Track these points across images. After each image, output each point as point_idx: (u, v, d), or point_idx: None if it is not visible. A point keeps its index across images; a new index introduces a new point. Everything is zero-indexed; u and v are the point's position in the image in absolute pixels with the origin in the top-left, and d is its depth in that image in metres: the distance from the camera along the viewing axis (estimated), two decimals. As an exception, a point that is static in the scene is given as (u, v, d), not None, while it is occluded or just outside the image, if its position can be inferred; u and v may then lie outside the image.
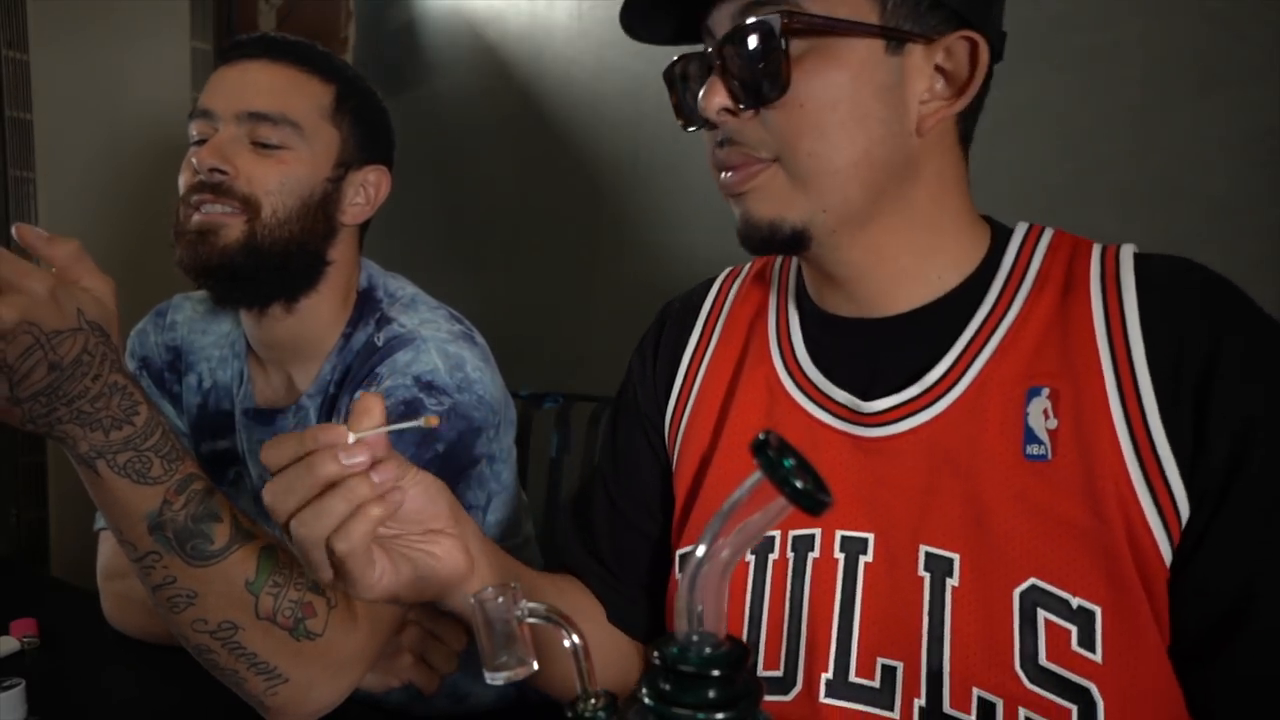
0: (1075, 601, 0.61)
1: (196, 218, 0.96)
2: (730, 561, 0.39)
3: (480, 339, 1.04)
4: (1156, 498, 0.61)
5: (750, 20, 0.65)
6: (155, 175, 2.12)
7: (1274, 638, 0.59)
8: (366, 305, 1.06)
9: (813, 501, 0.36)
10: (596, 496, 0.90)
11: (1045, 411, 0.65)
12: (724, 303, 0.86)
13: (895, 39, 0.65)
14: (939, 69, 0.68)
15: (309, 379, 1.05)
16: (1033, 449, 0.64)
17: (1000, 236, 0.74)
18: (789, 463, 0.36)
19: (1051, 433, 0.64)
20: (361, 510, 0.58)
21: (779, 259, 0.86)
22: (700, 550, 0.39)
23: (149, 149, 2.15)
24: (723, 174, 0.71)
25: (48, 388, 0.63)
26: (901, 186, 0.69)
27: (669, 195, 1.91)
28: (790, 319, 0.80)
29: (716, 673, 0.39)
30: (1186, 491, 0.61)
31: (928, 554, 0.66)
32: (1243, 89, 1.19)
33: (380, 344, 0.99)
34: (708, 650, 0.39)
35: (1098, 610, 0.61)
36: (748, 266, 0.89)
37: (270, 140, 0.97)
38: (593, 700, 0.48)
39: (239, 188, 0.95)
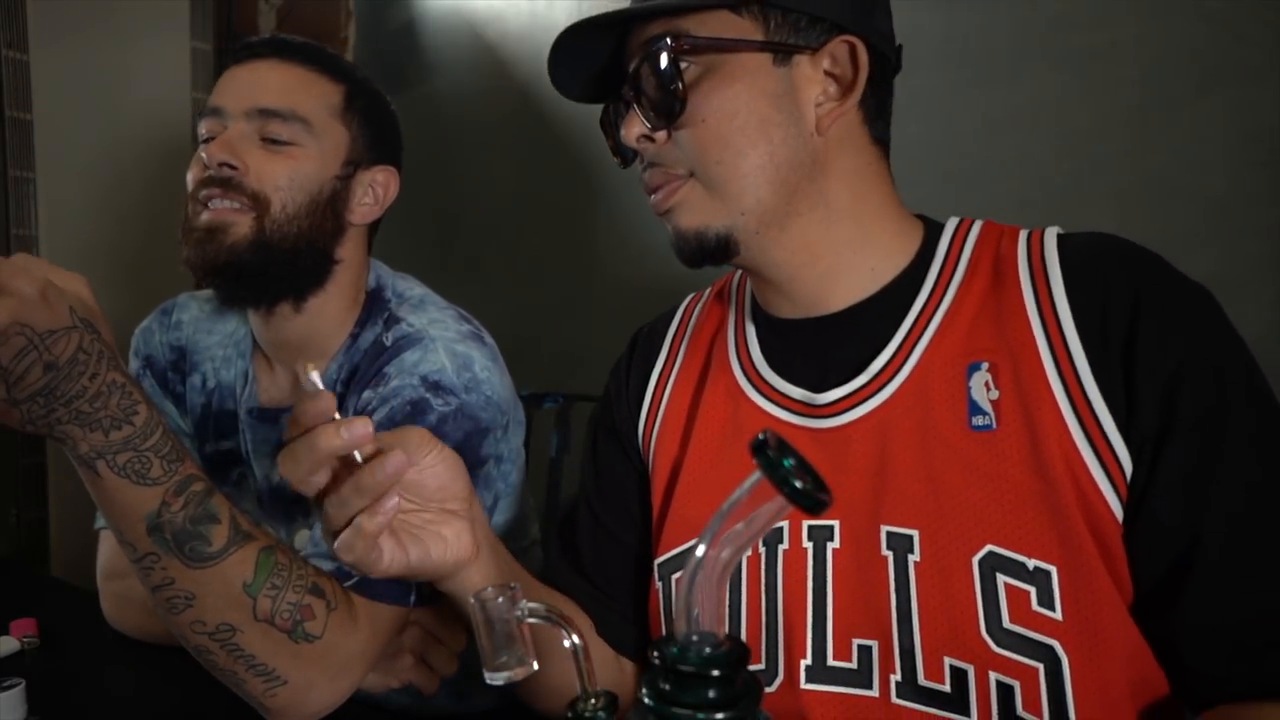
0: (1031, 563, 0.64)
1: (205, 215, 0.96)
2: (729, 562, 0.39)
3: (489, 339, 1.04)
4: (1100, 456, 0.64)
5: (647, 52, 0.72)
6: (156, 175, 2.12)
7: (1220, 581, 0.62)
8: (375, 305, 1.06)
9: (812, 501, 0.36)
10: (581, 517, 0.92)
11: (986, 384, 0.69)
12: (688, 324, 0.91)
13: (781, 52, 0.72)
14: (828, 74, 0.73)
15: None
16: (978, 420, 0.68)
17: (933, 231, 0.78)
18: (788, 462, 0.36)
19: (994, 403, 0.68)
20: (360, 525, 0.63)
21: (735, 278, 0.90)
22: (700, 551, 0.39)
23: (149, 149, 2.15)
24: (652, 199, 0.77)
25: (45, 388, 0.63)
26: (815, 184, 0.74)
27: (668, 195, 1.90)
28: (747, 330, 0.84)
29: (716, 672, 0.39)
30: (1126, 447, 0.64)
31: (889, 533, 0.69)
32: (1241, 89, 1.19)
33: (388, 343, 0.99)
34: (707, 650, 0.39)
35: (1054, 570, 0.64)
36: (709, 290, 0.93)
37: (280, 136, 0.97)
38: (593, 700, 0.48)
39: (248, 184, 0.95)
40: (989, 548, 0.65)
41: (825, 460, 0.73)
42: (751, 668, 0.71)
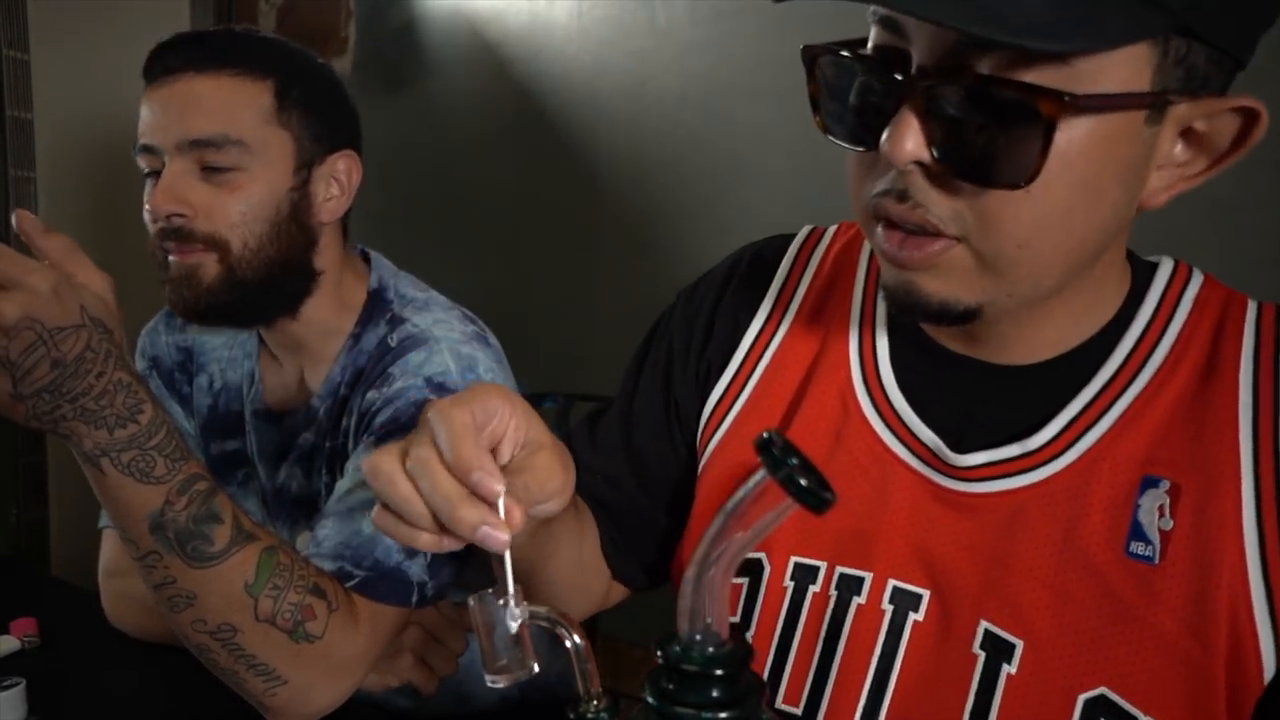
0: None
1: (173, 260, 0.93)
2: (733, 561, 0.39)
3: (494, 340, 1.03)
4: (1274, 614, 0.54)
5: (999, 89, 0.49)
6: (155, 175, 2.12)
7: None
8: (377, 306, 1.05)
9: (817, 500, 0.36)
10: (608, 433, 0.81)
11: (1161, 508, 0.57)
12: (800, 278, 0.74)
13: (1160, 105, 0.52)
14: (1187, 131, 0.55)
15: (319, 380, 1.05)
16: (1138, 547, 0.57)
17: (1140, 279, 0.63)
18: (793, 461, 0.36)
19: (1164, 534, 0.56)
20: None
21: (866, 241, 0.72)
22: (704, 550, 0.39)
23: (149, 149, 2.15)
24: (889, 243, 0.56)
25: (51, 384, 0.63)
26: (1096, 259, 0.58)
27: (668, 193, 1.91)
28: (877, 326, 0.69)
29: (720, 672, 0.39)
30: None
31: (987, 632, 0.59)
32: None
33: (393, 344, 0.99)
34: (711, 650, 0.39)
35: None
36: (830, 233, 0.75)
37: (219, 164, 0.92)
38: (595, 701, 0.48)
39: (199, 229, 0.92)
40: (1103, 690, 0.55)
41: (938, 522, 0.62)
42: (786, 709, 0.64)
